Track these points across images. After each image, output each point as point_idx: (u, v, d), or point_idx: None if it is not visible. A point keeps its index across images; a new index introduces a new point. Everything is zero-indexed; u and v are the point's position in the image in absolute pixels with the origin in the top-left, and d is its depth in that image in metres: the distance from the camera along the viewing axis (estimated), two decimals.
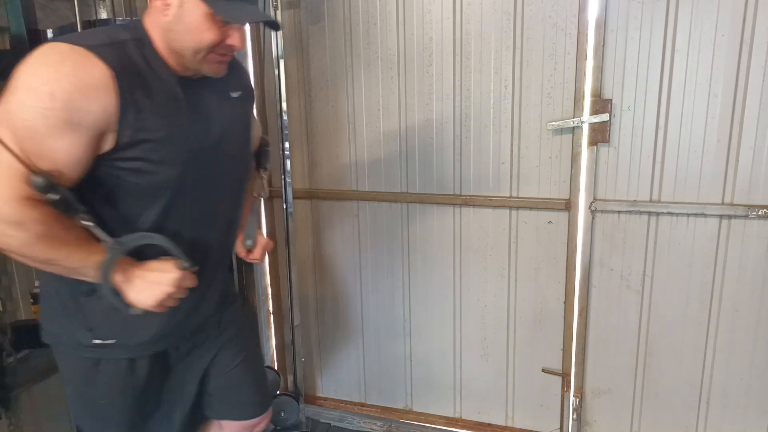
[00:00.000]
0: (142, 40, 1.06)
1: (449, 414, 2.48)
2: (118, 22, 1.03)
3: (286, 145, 2.26)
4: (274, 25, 1.18)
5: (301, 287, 2.54)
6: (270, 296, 2.66)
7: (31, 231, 0.93)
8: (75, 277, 1.05)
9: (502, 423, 2.40)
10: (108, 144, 1.01)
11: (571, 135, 2.02)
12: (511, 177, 2.13)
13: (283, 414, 2.39)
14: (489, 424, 2.42)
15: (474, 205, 2.20)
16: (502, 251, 2.22)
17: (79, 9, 1.86)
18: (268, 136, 2.47)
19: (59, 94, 0.92)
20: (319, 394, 2.68)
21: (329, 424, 2.59)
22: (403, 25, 2.14)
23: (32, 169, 0.92)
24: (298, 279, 2.49)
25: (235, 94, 1.26)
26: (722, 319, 1.99)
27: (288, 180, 2.29)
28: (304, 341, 2.58)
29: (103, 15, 2.11)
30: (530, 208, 2.14)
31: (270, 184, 2.53)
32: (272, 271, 2.61)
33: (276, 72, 2.22)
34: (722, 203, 1.90)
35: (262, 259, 1.49)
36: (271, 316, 2.68)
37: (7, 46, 1.85)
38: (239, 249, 1.44)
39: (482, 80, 2.09)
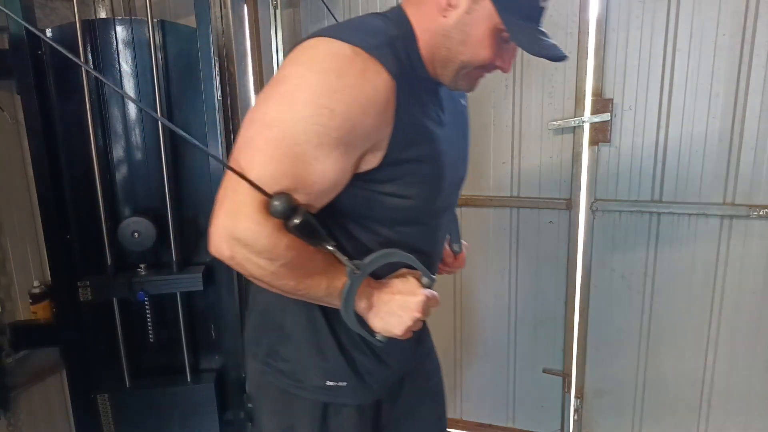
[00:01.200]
0: (407, 37, 0.89)
1: (450, 415, 2.47)
2: (377, 12, 0.92)
3: None
4: (563, 59, 0.92)
5: None
6: None
7: (280, 260, 0.81)
8: (324, 305, 0.94)
9: (502, 424, 2.39)
10: (369, 164, 0.86)
11: (572, 134, 2.01)
12: (511, 177, 2.13)
13: None
14: (489, 425, 2.41)
15: (474, 205, 2.19)
16: (502, 251, 2.21)
17: (78, 9, 1.85)
18: None
19: (339, 110, 0.77)
20: None
21: None
22: None
23: (269, 195, 0.78)
24: None
25: (463, 101, 1.11)
26: (723, 320, 1.99)
27: None
28: None
29: (102, 15, 2.10)
30: (531, 208, 2.13)
31: None
32: None
33: (276, 72, 2.20)
34: (723, 203, 1.90)
35: (463, 264, 1.29)
36: None
37: (6, 46, 1.84)
38: (446, 257, 1.25)
39: (482, 80, 2.08)
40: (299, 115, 0.78)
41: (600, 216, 2.05)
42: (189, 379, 2.15)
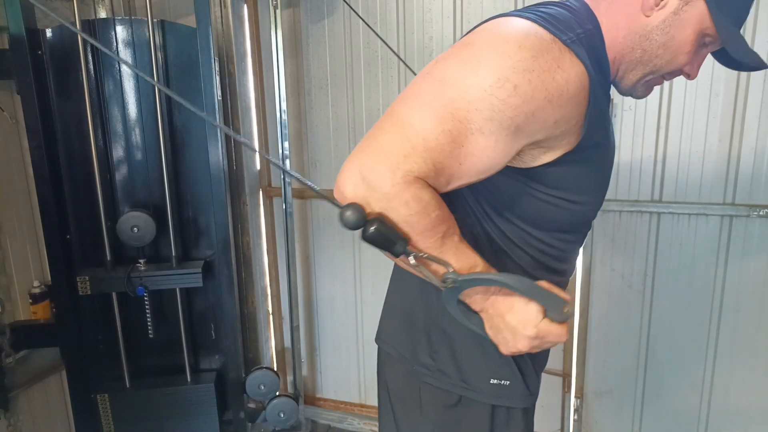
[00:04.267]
0: (597, 34, 0.81)
1: None
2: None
3: (286, 145, 2.25)
4: (766, 68, 0.86)
5: (300, 288, 2.54)
6: (269, 297, 2.66)
7: (394, 213, 0.72)
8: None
9: None
10: (537, 160, 0.81)
11: None
12: None
13: (282, 415, 2.39)
14: None
15: None
16: None
17: (78, 9, 1.85)
18: (267, 138, 2.47)
19: (523, 90, 0.70)
20: (319, 395, 2.67)
21: (329, 425, 2.58)
22: (403, 24, 2.13)
23: (340, 205, 0.71)
24: (297, 279, 2.48)
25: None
26: (724, 319, 1.98)
27: (287, 180, 2.28)
28: (304, 342, 2.58)
29: (102, 15, 2.11)
30: None
31: (269, 184, 2.53)
32: (271, 271, 2.60)
33: (276, 72, 2.21)
34: (724, 203, 1.89)
35: None
36: (270, 317, 2.67)
37: (6, 46, 1.85)
38: None
39: None
40: (479, 81, 0.71)
41: (600, 216, 2.05)
42: (189, 379, 2.15)
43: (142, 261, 2.02)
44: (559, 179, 0.83)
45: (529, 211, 0.86)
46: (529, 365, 0.97)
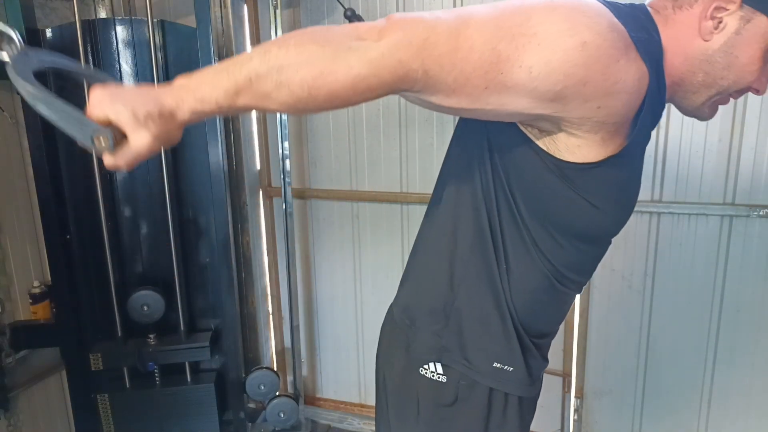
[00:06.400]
0: (660, 48, 0.78)
1: None
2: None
3: (286, 145, 2.25)
4: None
5: (300, 288, 2.54)
6: (269, 297, 2.66)
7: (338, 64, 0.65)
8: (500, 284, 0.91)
9: None
10: (572, 153, 0.78)
11: None
12: None
13: (282, 415, 2.39)
14: None
15: None
16: None
17: (78, 9, 1.85)
18: (267, 138, 2.47)
19: (588, 52, 0.66)
20: (319, 395, 2.67)
21: (329, 425, 2.59)
22: None
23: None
24: (297, 279, 2.48)
25: None
26: (724, 319, 1.98)
27: (287, 180, 2.28)
28: (304, 342, 2.58)
29: (102, 15, 2.11)
30: None
31: (269, 184, 2.53)
32: (271, 271, 2.60)
33: None
34: (724, 203, 1.89)
35: None
36: (270, 316, 2.67)
37: None
38: None
39: None
40: (553, 20, 0.67)
41: None
42: (189, 379, 2.15)
43: (152, 336, 2.06)
44: (588, 180, 0.80)
45: (554, 208, 0.85)
46: (535, 354, 0.97)
